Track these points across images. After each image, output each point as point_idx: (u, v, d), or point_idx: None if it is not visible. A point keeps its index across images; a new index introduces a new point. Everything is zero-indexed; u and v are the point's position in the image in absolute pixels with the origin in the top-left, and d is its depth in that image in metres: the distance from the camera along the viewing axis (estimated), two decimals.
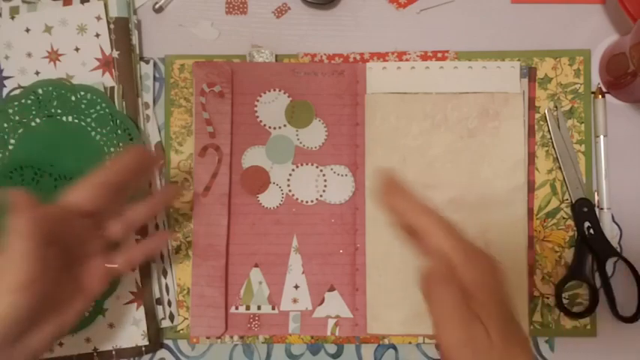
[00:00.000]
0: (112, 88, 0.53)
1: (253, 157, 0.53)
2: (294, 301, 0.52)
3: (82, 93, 0.52)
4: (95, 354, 0.51)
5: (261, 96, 0.54)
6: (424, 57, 0.54)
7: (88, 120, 0.52)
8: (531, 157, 0.53)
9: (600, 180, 0.52)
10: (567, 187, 0.52)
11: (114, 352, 0.51)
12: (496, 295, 0.36)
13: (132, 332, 0.51)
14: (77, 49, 0.53)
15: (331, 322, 0.52)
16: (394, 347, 0.53)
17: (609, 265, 0.52)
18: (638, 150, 0.53)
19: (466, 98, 0.53)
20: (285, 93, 0.54)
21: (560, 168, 0.53)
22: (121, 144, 0.52)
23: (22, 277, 0.37)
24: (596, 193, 0.53)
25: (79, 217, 0.42)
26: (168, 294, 0.53)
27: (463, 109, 0.52)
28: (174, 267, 0.53)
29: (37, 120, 0.52)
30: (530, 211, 0.52)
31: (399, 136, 0.52)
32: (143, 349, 0.52)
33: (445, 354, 0.35)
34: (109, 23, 0.53)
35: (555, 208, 0.53)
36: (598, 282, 0.52)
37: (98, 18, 0.53)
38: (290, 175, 0.53)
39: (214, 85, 0.53)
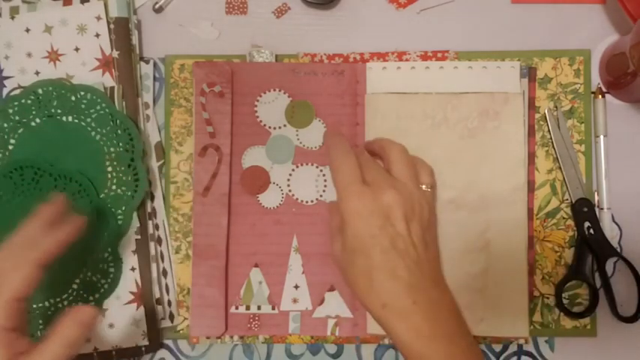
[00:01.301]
0: (112, 88, 0.53)
1: (253, 157, 0.53)
2: (294, 301, 0.52)
3: (82, 93, 0.52)
4: (95, 354, 0.51)
5: (261, 96, 0.54)
6: (424, 57, 0.54)
7: (88, 120, 0.52)
8: (531, 157, 0.53)
9: (600, 180, 0.52)
10: (567, 187, 0.52)
11: (114, 352, 0.51)
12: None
13: (132, 332, 0.51)
14: (77, 49, 0.53)
15: (331, 322, 0.52)
16: (394, 347, 0.53)
17: (609, 265, 0.52)
18: (638, 150, 0.54)
19: (466, 98, 0.53)
20: (285, 93, 0.54)
21: (560, 168, 0.53)
22: (121, 144, 0.52)
23: None
24: (596, 193, 0.53)
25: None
26: (168, 294, 0.53)
27: (463, 109, 0.52)
28: (174, 267, 0.53)
29: (37, 120, 0.52)
30: (530, 211, 0.52)
31: (399, 136, 0.52)
32: (143, 349, 0.51)
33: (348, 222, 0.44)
34: (109, 23, 0.53)
35: (555, 208, 0.53)
36: (598, 282, 0.52)
37: (98, 18, 0.53)
38: (290, 175, 0.53)
39: (214, 85, 0.53)
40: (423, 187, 0.48)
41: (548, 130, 0.53)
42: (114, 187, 0.52)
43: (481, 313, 0.51)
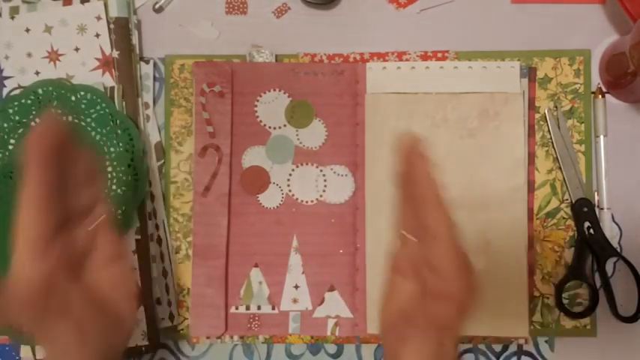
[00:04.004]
0: (112, 88, 0.53)
1: (253, 157, 0.53)
2: (294, 301, 0.52)
3: (82, 93, 0.52)
4: None
5: (261, 96, 0.54)
6: (424, 57, 0.54)
7: (88, 120, 0.52)
8: (531, 157, 0.53)
9: (600, 180, 0.52)
10: (567, 187, 0.52)
11: None
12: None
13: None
14: (77, 49, 0.53)
15: (331, 322, 0.52)
16: None
17: (609, 265, 0.52)
18: (638, 150, 0.53)
19: (466, 98, 0.53)
20: (285, 93, 0.54)
21: (560, 168, 0.53)
22: (121, 144, 0.51)
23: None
24: (596, 193, 0.53)
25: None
26: (168, 294, 0.53)
27: (463, 109, 0.52)
28: (174, 267, 0.53)
29: (37, 120, 0.52)
30: (530, 211, 0.52)
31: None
32: (143, 349, 0.51)
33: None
34: (109, 23, 0.53)
35: (555, 208, 0.53)
36: (598, 282, 0.52)
37: (98, 18, 0.53)
38: (290, 175, 0.53)
39: (214, 85, 0.53)
40: None
41: (548, 130, 0.53)
42: (114, 187, 0.51)
43: (481, 313, 0.51)
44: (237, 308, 0.52)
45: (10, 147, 0.52)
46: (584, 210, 0.51)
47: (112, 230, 0.39)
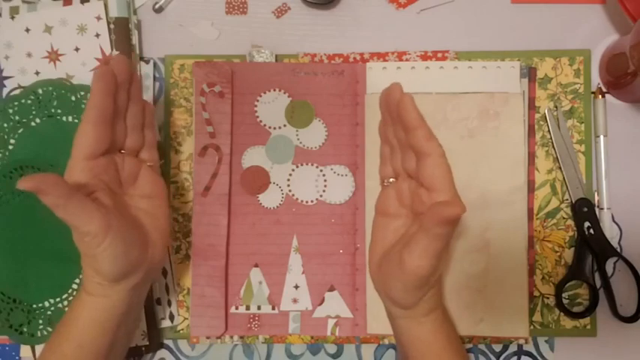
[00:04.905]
0: None
1: (253, 157, 0.53)
2: (294, 301, 0.52)
3: (82, 93, 0.52)
4: None
5: (261, 96, 0.54)
6: (424, 57, 0.54)
7: None
8: (531, 157, 0.53)
9: (600, 180, 0.52)
10: (567, 187, 0.52)
11: None
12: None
13: None
14: (77, 49, 0.53)
15: (331, 322, 0.52)
16: (394, 347, 0.53)
17: (609, 265, 0.52)
18: (638, 150, 0.53)
19: (466, 98, 0.53)
20: (285, 93, 0.54)
21: (560, 168, 0.53)
22: None
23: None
24: (596, 193, 0.53)
25: (96, 162, 0.40)
26: (168, 294, 0.53)
27: (463, 109, 0.52)
28: (174, 267, 0.53)
29: (37, 120, 0.52)
30: (530, 211, 0.52)
31: None
32: (143, 349, 0.51)
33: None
34: (109, 23, 0.53)
35: (555, 208, 0.53)
36: (598, 282, 0.52)
37: (98, 18, 0.53)
38: (290, 175, 0.53)
39: (214, 85, 0.53)
40: None
41: (548, 130, 0.53)
42: None
43: (481, 313, 0.51)
44: (237, 308, 0.52)
45: (10, 147, 0.52)
46: (584, 210, 0.51)
47: (155, 173, 0.46)
